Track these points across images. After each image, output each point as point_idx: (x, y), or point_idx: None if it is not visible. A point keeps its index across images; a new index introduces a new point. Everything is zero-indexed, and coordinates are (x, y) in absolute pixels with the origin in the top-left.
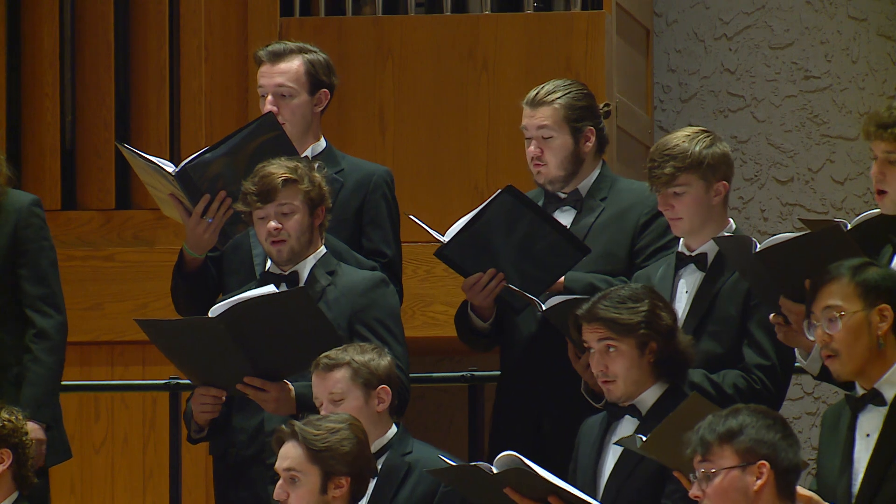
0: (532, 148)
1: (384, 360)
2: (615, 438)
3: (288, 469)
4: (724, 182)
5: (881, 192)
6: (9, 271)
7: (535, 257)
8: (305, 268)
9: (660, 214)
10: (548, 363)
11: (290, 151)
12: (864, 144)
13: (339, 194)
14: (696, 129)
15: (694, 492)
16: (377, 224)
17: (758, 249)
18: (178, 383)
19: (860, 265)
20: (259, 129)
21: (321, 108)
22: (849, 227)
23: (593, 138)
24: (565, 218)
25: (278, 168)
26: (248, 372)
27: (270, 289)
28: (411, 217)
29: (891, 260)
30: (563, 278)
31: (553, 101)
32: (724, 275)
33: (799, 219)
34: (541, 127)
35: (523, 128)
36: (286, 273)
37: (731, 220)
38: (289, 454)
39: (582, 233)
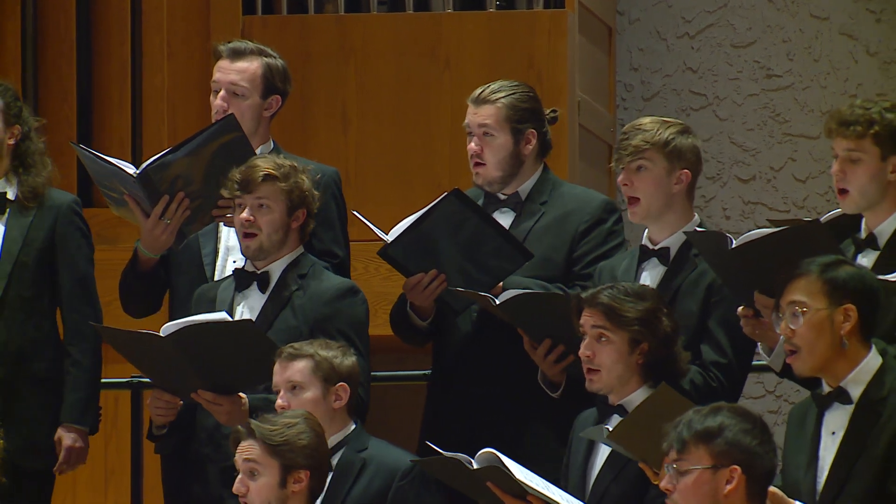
0: (472, 145)
1: (348, 360)
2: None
3: (248, 460)
4: (688, 171)
5: (842, 191)
6: (44, 268)
7: (478, 260)
8: (277, 269)
9: (601, 222)
10: (484, 363)
11: (250, 153)
12: (826, 143)
13: None
14: (674, 119)
15: (664, 484)
16: (328, 225)
17: (736, 244)
18: (139, 381)
19: (832, 263)
20: (220, 131)
21: (270, 113)
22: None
23: (534, 141)
24: (504, 220)
25: (265, 162)
26: (200, 385)
27: (222, 315)
28: (356, 214)
29: (853, 258)
30: (501, 283)
31: (496, 100)
32: (685, 270)
33: (767, 220)
34: (482, 125)
35: (466, 125)
36: (258, 272)
37: (696, 215)
38: (248, 450)
39: (521, 237)
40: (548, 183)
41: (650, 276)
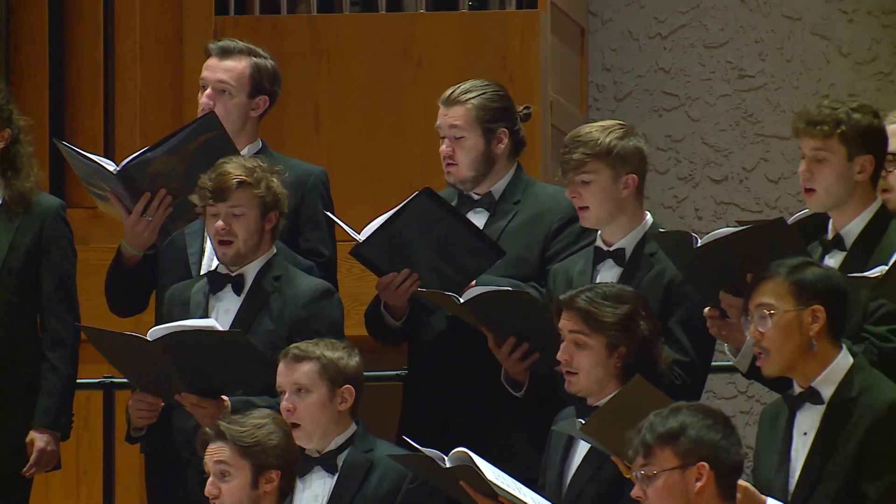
0: (444, 147)
1: (353, 360)
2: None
3: (219, 462)
4: (634, 175)
5: (809, 191)
6: (30, 272)
7: (450, 259)
8: (251, 271)
9: (573, 220)
10: (456, 363)
11: (232, 151)
12: (798, 143)
13: None
14: (613, 122)
15: (636, 492)
16: (314, 224)
17: (701, 243)
18: (112, 382)
19: (799, 264)
20: (201, 128)
21: (258, 113)
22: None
23: (506, 140)
24: (478, 220)
25: (236, 168)
26: (184, 388)
27: (210, 322)
28: (329, 214)
29: (821, 259)
30: (474, 281)
31: (466, 100)
32: (641, 270)
33: (736, 220)
34: (452, 126)
35: (437, 126)
36: (233, 275)
37: (648, 213)
38: (219, 451)
39: (494, 236)
40: (521, 182)
41: (606, 277)
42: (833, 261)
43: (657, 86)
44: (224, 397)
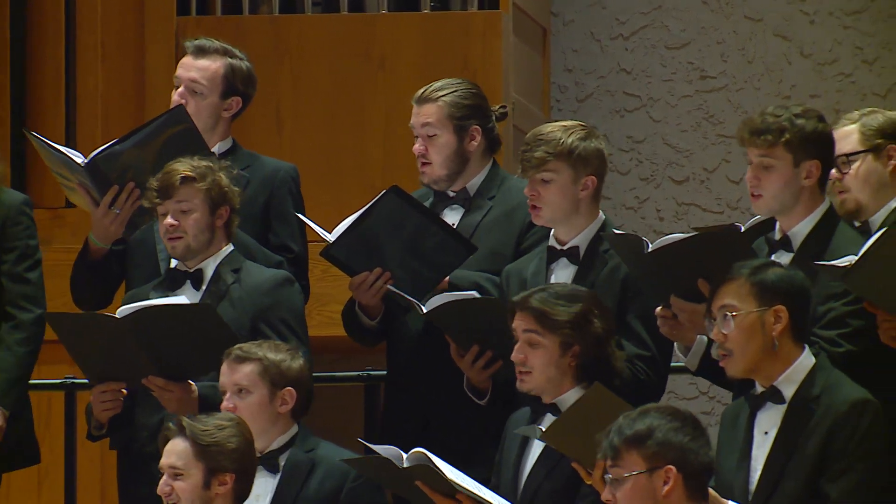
0: (417, 145)
1: (296, 363)
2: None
3: (172, 466)
4: (594, 177)
5: (756, 196)
6: None
7: (422, 256)
8: (210, 266)
9: None
10: (435, 361)
11: (200, 145)
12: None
13: (245, 191)
14: (575, 122)
15: (605, 496)
16: (284, 220)
17: (651, 249)
18: (73, 383)
19: (761, 265)
20: (169, 122)
21: (231, 114)
22: (742, 230)
23: (479, 137)
24: (453, 216)
25: (181, 165)
26: (151, 371)
27: (181, 299)
28: (299, 216)
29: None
30: (448, 277)
31: (438, 98)
32: (597, 267)
33: (691, 227)
34: (425, 124)
35: (411, 125)
36: (191, 270)
37: (601, 212)
38: (174, 449)
39: (468, 231)
40: (496, 178)
41: (561, 276)
42: (780, 261)
43: (619, 87)
44: (191, 381)
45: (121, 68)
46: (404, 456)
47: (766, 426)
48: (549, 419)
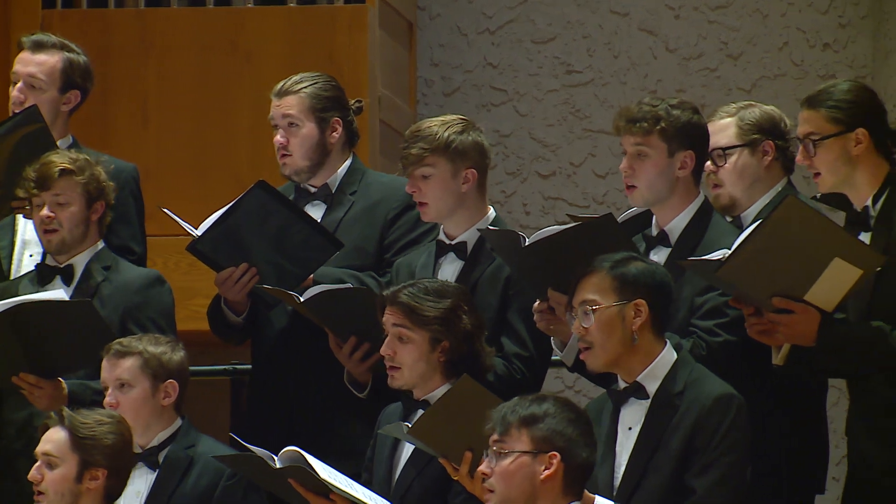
0: (278, 137)
1: (177, 355)
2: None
3: (46, 454)
4: (473, 170)
5: (631, 187)
6: None
7: (288, 252)
8: (81, 262)
9: (410, 208)
10: (298, 357)
11: (51, 144)
12: (620, 140)
13: None
14: (455, 116)
15: (483, 468)
16: (126, 221)
17: (528, 242)
18: None
19: (622, 259)
20: (23, 121)
21: (69, 108)
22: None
23: (340, 129)
24: (316, 212)
25: (60, 158)
26: (23, 368)
27: (59, 294)
28: (165, 210)
29: (646, 255)
30: (312, 275)
31: (299, 90)
32: (482, 263)
33: (567, 214)
34: (286, 115)
35: (270, 118)
36: (61, 266)
37: (490, 208)
38: (51, 438)
39: (332, 227)
40: (357, 173)
41: (448, 271)
42: (658, 257)
43: (485, 81)
44: (61, 379)
45: None
46: (276, 457)
47: (630, 422)
48: (420, 415)
